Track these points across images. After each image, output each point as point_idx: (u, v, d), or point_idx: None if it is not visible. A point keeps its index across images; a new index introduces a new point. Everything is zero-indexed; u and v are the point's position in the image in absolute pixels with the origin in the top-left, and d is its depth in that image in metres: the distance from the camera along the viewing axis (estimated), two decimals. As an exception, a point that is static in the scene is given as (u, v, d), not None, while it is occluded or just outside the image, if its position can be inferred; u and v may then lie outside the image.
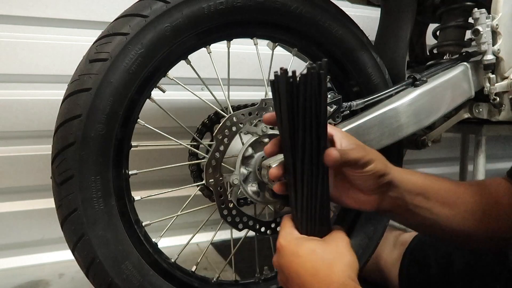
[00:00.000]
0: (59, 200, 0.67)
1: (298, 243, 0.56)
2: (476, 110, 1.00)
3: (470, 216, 0.64)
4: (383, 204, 0.63)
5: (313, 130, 0.54)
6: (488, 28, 0.89)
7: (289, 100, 0.53)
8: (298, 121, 0.54)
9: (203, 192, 0.99)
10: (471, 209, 0.65)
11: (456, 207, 0.64)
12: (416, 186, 0.63)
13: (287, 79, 0.53)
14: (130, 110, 0.73)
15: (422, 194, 0.63)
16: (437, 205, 0.64)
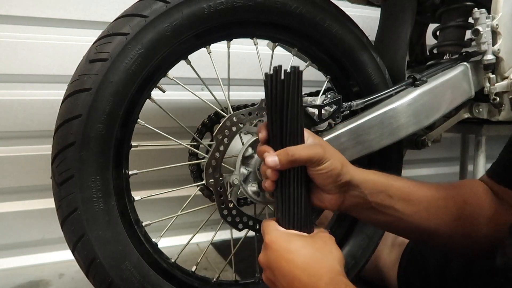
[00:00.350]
0: (59, 200, 0.67)
1: (288, 238, 0.57)
2: (476, 110, 1.00)
3: (434, 213, 0.65)
4: (345, 203, 0.64)
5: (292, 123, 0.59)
6: (488, 28, 0.89)
7: (273, 93, 0.60)
8: (282, 114, 0.59)
9: (203, 192, 0.99)
10: (435, 206, 0.65)
11: (420, 204, 0.65)
12: (377, 184, 0.64)
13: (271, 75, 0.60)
14: (130, 110, 0.73)
15: (384, 192, 0.64)
16: (400, 202, 0.65)
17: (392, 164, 0.94)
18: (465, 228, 0.66)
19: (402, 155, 0.97)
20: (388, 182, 0.65)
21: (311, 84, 1.24)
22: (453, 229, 0.65)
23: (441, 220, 0.65)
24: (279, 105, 0.59)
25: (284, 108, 0.59)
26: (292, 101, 0.59)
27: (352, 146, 0.82)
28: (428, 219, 0.65)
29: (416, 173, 1.83)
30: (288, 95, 0.59)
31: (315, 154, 0.59)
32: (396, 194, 0.65)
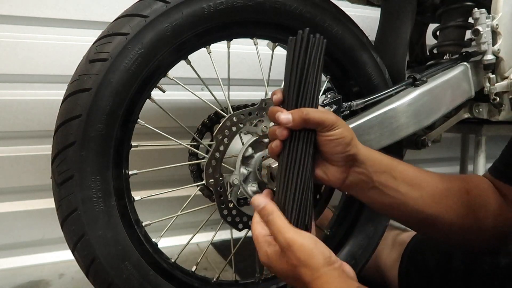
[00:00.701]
0: (59, 200, 0.67)
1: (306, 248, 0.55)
2: (476, 110, 1.00)
3: (438, 200, 0.64)
4: (350, 178, 0.63)
5: (310, 87, 0.60)
6: (488, 28, 0.89)
7: (295, 56, 0.60)
8: (301, 77, 0.60)
9: (203, 192, 0.99)
10: (439, 194, 0.65)
11: (423, 189, 0.65)
12: (382, 164, 0.64)
13: (296, 38, 0.60)
14: (130, 110, 0.73)
15: (388, 173, 0.64)
16: (403, 185, 0.64)
17: (392, 164, 0.94)
18: (469, 220, 0.65)
19: (402, 155, 0.97)
20: (393, 164, 0.65)
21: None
22: (456, 220, 0.65)
23: (444, 208, 0.65)
24: (300, 68, 0.60)
25: (304, 72, 0.60)
26: (314, 65, 0.60)
27: (352, 146, 0.82)
28: (432, 206, 0.64)
29: (416, 173, 1.83)
30: (310, 59, 0.60)
31: (327, 117, 0.59)
32: (400, 176, 0.64)
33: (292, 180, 0.60)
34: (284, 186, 0.60)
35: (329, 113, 0.61)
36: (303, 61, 0.60)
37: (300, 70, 0.60)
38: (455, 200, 0.65)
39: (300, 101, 0.60)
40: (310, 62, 0.60)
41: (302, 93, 0.60)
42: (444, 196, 0.65)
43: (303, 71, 0.60)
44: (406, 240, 0.97)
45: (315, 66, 0.60)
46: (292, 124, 0.58)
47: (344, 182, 0.64)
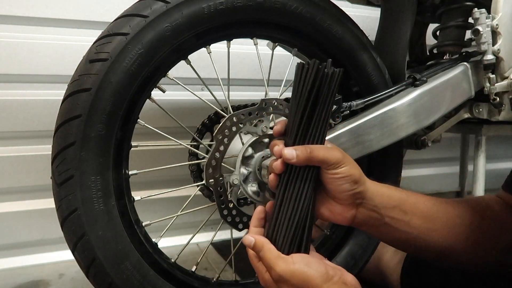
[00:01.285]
0: (59, 200, 0.67)
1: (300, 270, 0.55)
2: (476, 110, 1.00)
3: (452, 230, 0.63)
4: (359, 216, 0.61)
5: (318, 123, 0.58)
6: (488, 28, 0.89)
7: (303, 88, 0.57)
8: (308, 110, 0.57)
9: (203, 192, 0.99)
10: (452, 223, 0.63)
11: (436, 221, 0.63)
12: (391, 199, 0.62)
13: (318, 69, 0.57)
14: (130, 110, 0.73)
15: (399, 207, 0.62)
16: (415, 218, 0.62)
17: (392, 164, 0.94)
18: (485, 244, 0.63)
19: (402, 155, 0.97)
20: (402, 197, 0.63)
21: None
22: (472, 246, 0.63)
23: (459, 237, 0.63)
24: (306, 100, 0.57)
25: (310, 106, 0.57)
26: (324, 101, 0.57)
27: (352, 146, 0.82)
28: (446, 237, 0.62)
29: (416, 173, 1.83)
30: (320, 93, 0.57)
31: (333, 155, 0.57)
32: (410, 210, 0.62)
33: (285, 214, 0.58)
34: (277, 219, 0.59)
35: (335, 150, 0.58)
36: (309, 94, 0.57)
37: (306, 102, 0.57)
38: (469, 226, 0.63)
39: (305, 136, 0.58)
40: (320, 96, 0.57)
41: (308, 128, 0.58)
42: (458, 226, 0.63)
43: (311, 104, 0.57)
44: None
45: (326, 102, 0.57)
46: (296, 161, 0.56)
47: (353, 221, 0.62)
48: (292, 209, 0.58)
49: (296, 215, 0.58)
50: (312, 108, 0.57)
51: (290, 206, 0.59)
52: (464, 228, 0.63)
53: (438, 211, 0.64)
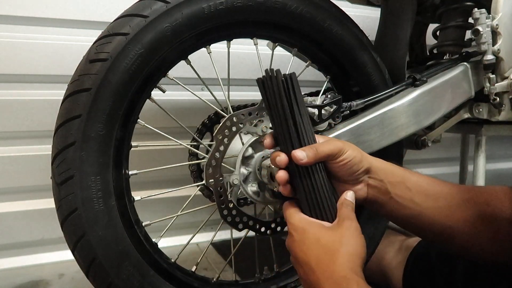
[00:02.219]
0: (59, 200, 0.67)
1: (304, 228, 0.58)
2: (476, 110, 0.99)
3: (455, 210, 0.64)
4: (370, 192, 0.64)
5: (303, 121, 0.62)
6: (488, 28, 0.89)
7: (271, 97, 0.63)
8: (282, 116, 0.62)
9: (203, 192, 0.99)
10: (455, 204, 0.64)
11: (439, 200, 0.64)
12: (394, 174, 0.64)
13: (278, 76, 0.62)
14: (130, 110, 0.73)
15: (403, 183, 0.64)
16: (418, 196, 0.64)
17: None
18: (488, 232, 0.63)
19: (402, 155, 0.97)
20: (405, 175, 0.65)
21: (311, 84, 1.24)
22: (474, 232, 0.63)
23: (461, 220, 0.63)
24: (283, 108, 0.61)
25: (288, 111, 0.61)
26: (297, 101, 0.62)
27: (352, 146, 0.82)
28: (449, 216, 0.63)
29: (416, 173, 1.83)
30: (291, 97, 0.62)
31: (335, 147, 0.61)
32: (414, 187, 0.64)
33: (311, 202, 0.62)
34: (305, 207, 0.62)
35: (334, 141, 0.62)
36: (284, 99, 0.61)
37: (283, 109, 0.61)
38: (473, 212, 0.63)
39: (298, 139, 0.61)
40: (292, 98, 0.61)
41: (297, 130, 0.61)
42: (461, 207, 0.64)
43: (289, 109, 0.61)
44: (412, 244, 0.97)
45: (298, 101, 0.62)
46: (306, 160, 0.59)
47: (366, 198, 0.65)
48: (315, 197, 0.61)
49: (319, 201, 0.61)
50: (291, 111, 0.61)
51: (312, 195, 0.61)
52: (468, 213, 0.63)
53: (443, 191, 0.65)
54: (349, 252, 0.54)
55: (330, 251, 0.54)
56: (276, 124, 0.63)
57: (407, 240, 1.01)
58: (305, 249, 0.56)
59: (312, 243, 0.56)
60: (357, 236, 0.57)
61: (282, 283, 0.88)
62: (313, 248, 0.56)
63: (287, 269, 0.90)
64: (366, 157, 0.64)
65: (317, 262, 0.54)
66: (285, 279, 0.88)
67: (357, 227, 0.58)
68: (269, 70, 0.63)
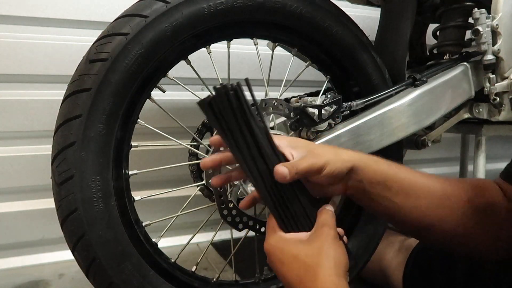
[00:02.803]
0: (59, 200, 0.67)
1: (281, 248, 0.57)
2: (476, 110, 0.99)
3: (435, 208, 0.63)
4: (348, 190, 0.63)
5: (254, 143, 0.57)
6: (488, 28, 0.89)
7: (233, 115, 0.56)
8: (236, 138, 0.56)
9: (203, 192, 0.99)
10: (437, 201, 0.63)
11: (419, 198, 0.63)
12: (376, 174, 0.62)
13: (223, 94, 0.55)
14: (130, 110, 0.73)
15: (383, 183, 0.62)
16: (398, 196, 0.63)
17: (392, 164, 0.94)
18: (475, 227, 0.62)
19: (402, 155, 0.97)
20: (389, 173, 0.63)
21: (311, 84, 1.24)
22: (457, 228, 0.63)
23: (443, 216, 0.63)
24: (240, 129, 0.56)
25: (247, 129, 0.56)
26: (251, 115, 0.56)
27: (352, 146, 0.82)
28: (428, 215, 0.63)
29: (416, 173, 1.83)
30: (243, 113, 0.55)
31: (313, 163, 0.57)
32: (395, 186, 0.63)
33: (284, 216, 0.59)
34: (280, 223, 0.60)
35: (309, 157, 0.58)
36: (238, 118, 0.55)
37: (240, 130, 0.56)
38: (458, 206, 0.63)
39: (265, 161, 0.57)
40: (244, 115, 0.55)
41: (261, 152, 0.57)
42: (443, 203, 0.63)
43: (246, 128, 0.56)
44: (412, 244, 0.97)
45: (251, 115, 0.56)
46: (288, 179, 0.55)
47: (345, 193, 0.64)
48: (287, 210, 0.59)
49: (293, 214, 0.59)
50: (250, 130, 0.56)
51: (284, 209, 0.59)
52: (452, 208, 0.63)
53: (426, 188, 0.64)
54: (329, 265, 0.53)
55: (310, 267, 0.53)
56: (235, 150, 0.57)
57: (407, 240, 1.01)
58: (285, 270, 0.55)
59: (291, 262, 0.55)
60: (335, 243, 0.56)
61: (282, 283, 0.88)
62: (293, 268, 0.54)
63: (287, 269, 0.90)
64: (343, 159, 0.60)
65: (299, 282, 0.53)
66: (285, 279, 0.88)
67: (334, 235, 0.57)
68: (216, 88, 0.55)
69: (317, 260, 0.53)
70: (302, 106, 0.77)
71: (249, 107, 0.56)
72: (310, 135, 0.80)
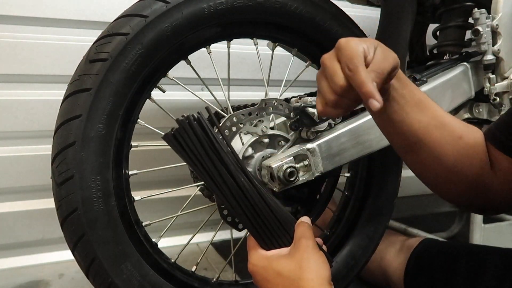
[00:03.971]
0: (59, 200, 0.67)
1: (265, 266, 0.58)
2: (476, 110, 1.00)
3: (432, 130, 0.63)
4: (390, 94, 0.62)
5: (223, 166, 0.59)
6: (488, 28, 0.89)
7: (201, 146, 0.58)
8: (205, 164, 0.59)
9: (203, 192, 0.99)
10: (435, 124, 0.63)
11: (425, 116, 0.63)
12: (400, 79, 0.62)
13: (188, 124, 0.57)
14: (130, 110, 0.73)
15: (401, 89, 0.62)
16: (408, 106, 0.62)
17: (392, 164, 0.94)
18: (454, 166, 0.63)
19: (402, 155, 0.97)
20: (407, 82, 0.63)
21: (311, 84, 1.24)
22: (443, 159, 0.63)
23: (435, 141, 0.63)
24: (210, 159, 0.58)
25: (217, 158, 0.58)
26: (218, 143, 0.58)
27: (352, 146, 0.82)
28: (425, 133, 0.63)
29: (416, 173, 1.83)
30: (211, 141, 0.58)
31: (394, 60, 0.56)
32: (409, 95, 0.62)
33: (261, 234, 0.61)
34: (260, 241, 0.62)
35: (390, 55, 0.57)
36: (207, 148, 0.57)
37: (211, 160, 0.58)
38: (448, 139, 0.63)
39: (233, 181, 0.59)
40: (213, 143, 0.57)
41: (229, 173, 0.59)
42: (439, 129, 0.63)
43: (216, 157, 0.58)
44: (414, 244, 0.97)
45: (218, 142, 0.58)
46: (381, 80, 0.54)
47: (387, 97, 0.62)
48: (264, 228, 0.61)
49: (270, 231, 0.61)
50: (217, 154, 0.58)
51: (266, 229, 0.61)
52: (444, 136, 0.63)
53: (434, 109, 0.64)
54: (311, 277, 0.54)
55: (294, 281, 0.54)
56: (209, 174, 0.59)
57: (408, 240, 1.01)
58: (270, 286, 0.57)
59: (275, 278, 0.56)
60: (315, 254, 0.56)
61: (282, 283, 0.88)
62: (277, 284, 0.56)
63: (287, 269, 0.90)
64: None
65: None
66: (285, 279, 0.88)
67: (313, 246, 0.58)
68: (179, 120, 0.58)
69: (299, 274, 0.55)
70: (302, 106, 0.77)
71: (214, 134, 0.58)
72: (310, 135, 0.80)
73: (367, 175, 0.94)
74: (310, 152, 0.77)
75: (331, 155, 0.79)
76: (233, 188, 0.59)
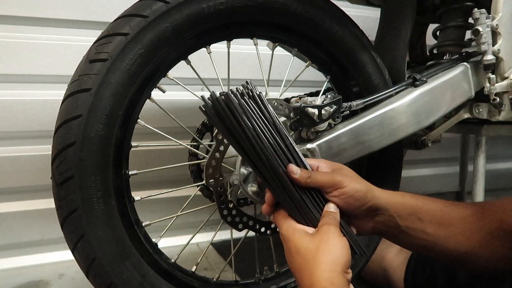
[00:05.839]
0: (59, 200, 0.67)
1: (289, 238, 0.59)
2: (476, 110, 1.00)
3: (470, 236, 0.62)
4: (377, 227, 0.64)
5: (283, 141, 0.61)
6: (488, 28, 0.89)
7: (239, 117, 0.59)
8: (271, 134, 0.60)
9: (203, 192, 0.99)
10: (469, 229, 0.62)
11: (453, 228, 0.62)
12: (405, 207, 0.63)
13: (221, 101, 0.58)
14: (130, 110, 0.73)
15: (414, 215, 0.63)
16: (431, 226, 0.62)
17: (392, 164, 0.94)
18: (504, 248, 0.61)
19: (402, 155, 0.97)
20: (417, 205, 0.63)
21: (311, 84, 1.24)
22: (492, 254, 0.61)
23: (478, 243, 0.61)
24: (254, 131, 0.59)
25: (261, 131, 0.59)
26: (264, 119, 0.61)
27: (352, 146, 0.82)
28: (464, 243, 0.62)
29: (416, 173, 1.83)
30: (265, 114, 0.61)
31: (330, 180, 0.60)
32: (426, 217, 0.63)
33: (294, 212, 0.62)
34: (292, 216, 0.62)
35: (332, 174, 0.61)
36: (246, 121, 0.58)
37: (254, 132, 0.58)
38: (488, 232, 0.61)
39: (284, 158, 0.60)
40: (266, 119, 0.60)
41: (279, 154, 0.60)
42: (474, 231, 0.62)
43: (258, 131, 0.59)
44: None
45: (274, 121, 0.60)
46: (297, 177, 0.60)
47: (373, 231, 0.64)
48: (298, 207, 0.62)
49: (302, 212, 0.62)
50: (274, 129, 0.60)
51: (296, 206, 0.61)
52: (483, 236, 0.61)
53: (455, 217, 0.63)
54: (326, 261, 0.54)
55: (308, 262, 0.55)
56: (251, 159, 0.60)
57: None
58: (291, 259, 0.58)
59: (294, 252, 0.57)
60: (335, 240, 0.56)
61: (282, 283, 0.88)
62: (296, 259, 0.57)
63: (287, 269, 0.90)
64: (373, 194, 0.62)
65: (300, 274, 0.56)
66: (285, 279, 0.88)
67: (335, 231, 0.57)
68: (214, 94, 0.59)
69: (314, 254, 0.55)
70: (302, 106, 0.77)
71: (267, 106, 0.61)
72: (310, 135, 0.80)
73: (367, 175, 0.94)
74: (310, 152, 0.77)
75: (331, 155, 0.79)
76: (284, 160, 0.61)
